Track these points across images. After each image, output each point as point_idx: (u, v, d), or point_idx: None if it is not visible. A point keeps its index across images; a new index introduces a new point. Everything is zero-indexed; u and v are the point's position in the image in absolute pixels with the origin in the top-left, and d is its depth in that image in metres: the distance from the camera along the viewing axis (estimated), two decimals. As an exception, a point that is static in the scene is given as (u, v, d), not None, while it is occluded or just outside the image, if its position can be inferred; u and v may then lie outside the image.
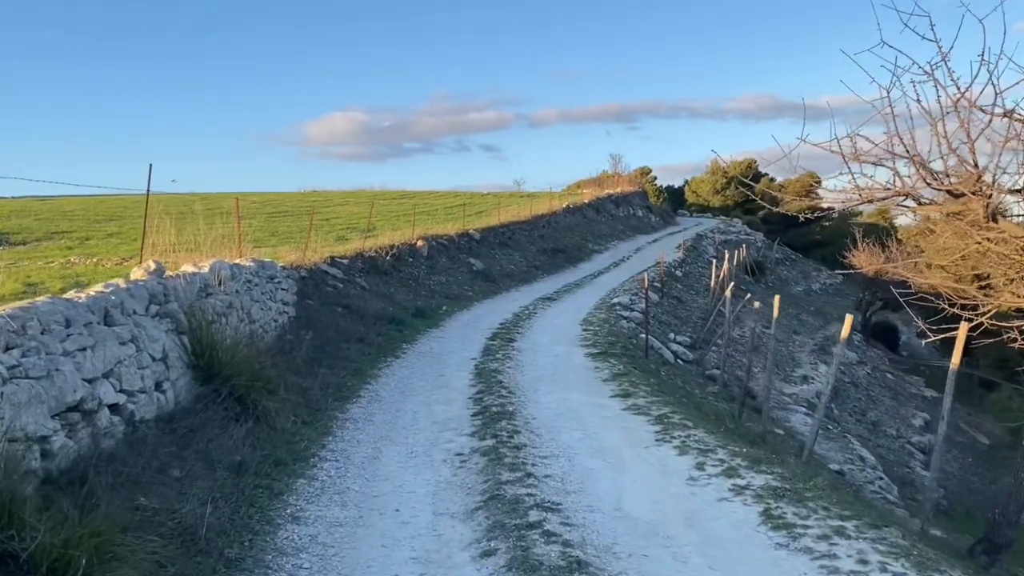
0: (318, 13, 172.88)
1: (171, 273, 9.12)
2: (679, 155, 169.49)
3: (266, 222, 29.81)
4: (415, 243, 23.51)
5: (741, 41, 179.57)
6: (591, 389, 10.91)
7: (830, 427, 19.45)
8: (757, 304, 16.91)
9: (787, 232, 59.61)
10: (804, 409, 20.78)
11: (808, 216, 9.20)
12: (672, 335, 21.06)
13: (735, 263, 30.71)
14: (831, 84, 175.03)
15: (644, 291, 17.06)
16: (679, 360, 18.41)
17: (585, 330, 17.04)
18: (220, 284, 10.14)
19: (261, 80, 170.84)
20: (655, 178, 68.51)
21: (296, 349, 11.45)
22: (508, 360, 13.34)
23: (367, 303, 16.97)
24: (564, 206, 38.37)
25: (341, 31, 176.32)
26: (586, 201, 41.86)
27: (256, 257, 12.94)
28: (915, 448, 23.47)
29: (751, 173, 65.66)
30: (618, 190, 48.63)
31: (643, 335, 18.46)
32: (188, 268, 10.11)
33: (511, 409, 9.67)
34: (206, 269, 10.12)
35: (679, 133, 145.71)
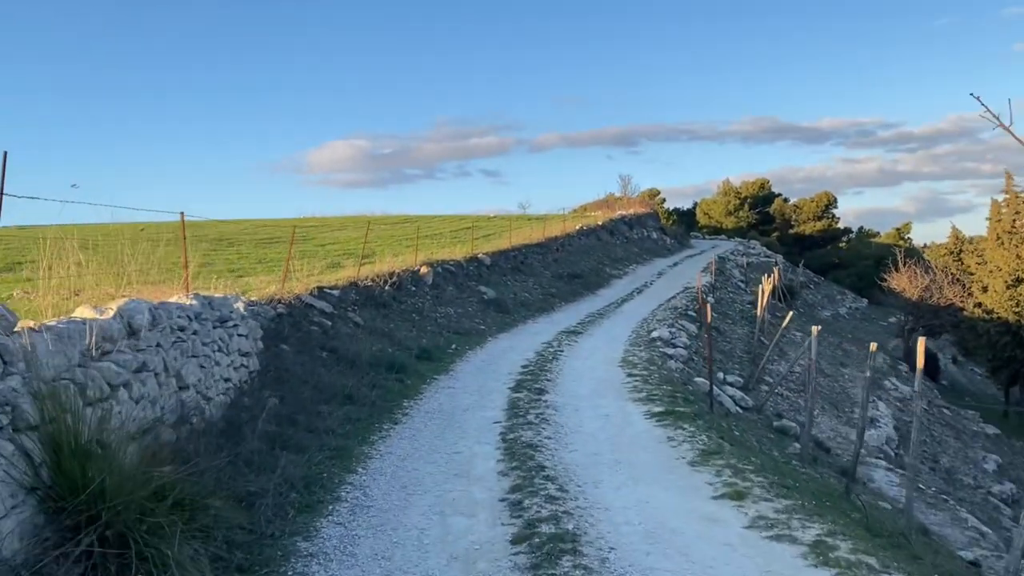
0: (318, 41, 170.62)
1: (31, 324, 5.58)
2: (681, 178, 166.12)
3: (254, 249, 26.40)
4: (418, 269, 20.00)
5: (740, 65, 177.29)
6: (679, 481, 7.30)
7: (921, 487, 15.82)
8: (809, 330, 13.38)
9: (803, 254, 56.20)
10: (884, 464, 17.16)
11: None
12: (722, 374, 17.49)
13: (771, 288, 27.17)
14: (830, 106, 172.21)
15: (706, 325, 13.50)
16: (739, 407, 14.84)
17: (630, 375, 13.47)
18: (129, 336, 6.61)
19: (262, 109, 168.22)
20: (663, 200, 65.24)
21: (251, 424, 7.87)
22: (544, 424, 9.76)
23: (360, 344, 13.42)
24: (578, 228, 34.91)
25: (341, 59, 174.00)
26: (599, 223, 38.42)
27: (205, 292, 9.41)
28: (998, 500, 19.82)
29: (764, 193, 62.44)
30: (631, 211, 45.18)
31: (698, 378, 14.93)
32: (84, 313, 6.59)
33: (571, 527, 6.07)
34: (110, 314, 6.59)
35: (680, 156, 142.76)
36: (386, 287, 17.43)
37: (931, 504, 14.18)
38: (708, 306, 13.08)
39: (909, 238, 58.33)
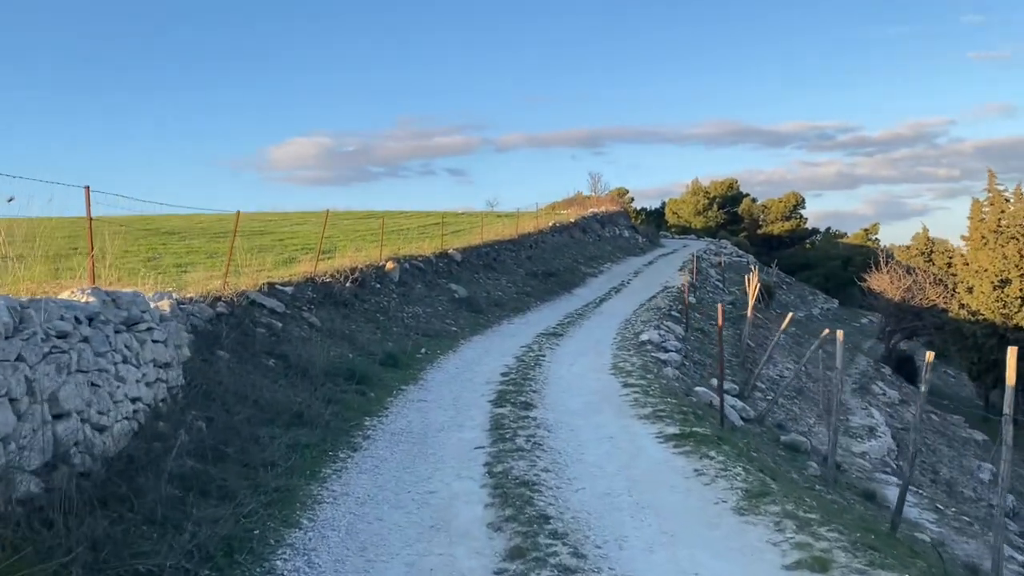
0: (279, 37, 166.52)
1: None
2: (645, 180, 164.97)
3: (207, 243, 24.14)
4: (383, 265, 17.98)
5: (703, 69, 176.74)
6: (731, 541, 5.43)
7: (940, 506, 14.22)
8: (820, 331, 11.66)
9: (771, 254, 55.04)
10: (895, 480, 15.54)
11: None
12: (715, 380, 15.74)
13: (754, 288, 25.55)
14: (790, 110, 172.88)
15: (718, 330, 11.73)
16: (742, 419, 13.08)
17: (625, 384, 11.63)
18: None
19: (225, 106, 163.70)
20: (632, 199, 63.74)
21: (160, 462, 5.84)
22: (538, 451, 7.85)
23: (315, 349, 11.38)
24: (551, 225, 33.08)
25: (305, 55, 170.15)
26: (572, 220, 36.62)
27: (113, 287, 7.35)
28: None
29: (732, 193, 61.27)
30: (602, 209, 43.47)
31: (699, 388, 13.18)
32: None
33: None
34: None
35: (644, 158, 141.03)
36: (347, 284, 15.39)
37: (958, 529, 12.56)
38: (720, 306, 11.26)
39: (876, 239, 57.52)
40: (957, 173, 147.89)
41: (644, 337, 16.11)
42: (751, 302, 20.77)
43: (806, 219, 59.81)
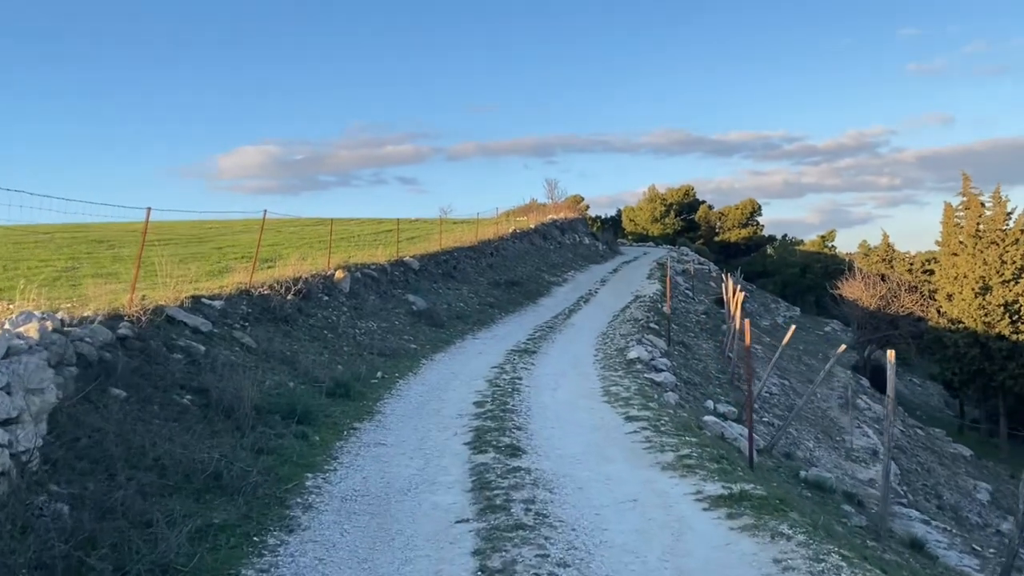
0: (227, 45, 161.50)
1: None
2: (596, 188, 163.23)
3: (138, 251, 21.49)
4: (332, 274, 15.65)
5: (652, 78, 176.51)
6: None
7: (975, 547, 12.44)
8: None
9: (728, 261, 53.82)
10: (916, 513, 13.75)
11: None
12: (711, 403, 13.81)
13: (730, 296, 23.81)
14: (738, 120, 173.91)
15: (745, 353, 9.75)
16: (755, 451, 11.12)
17: (628, 417, 9.54)
18: None
19: (171, 113, 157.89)
20: (587, 207, 62.06)
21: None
22: (544, 527, 5.68)
23: (245, 379, 8.98)
24: (511, 231, 31.00)
25: (252, 64, 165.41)
26: (532, 227, 34.57)
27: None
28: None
29: (689, 200, 60.05)
30: (561, 216, 41.56)
31: (708, 417, 11.16)
32: None
33: None
34: None
35: (595, 166, 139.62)
36: (289, 296, 13.05)
37: (992, 569, 10.78)
38: (747, 325, 9.24)
39: (833, 246, 56.75)
40: (899, 182, 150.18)
41: (632, 355, 14.08)
42: (738, 312, 18.88)
43: (763, 226, 58.84)
